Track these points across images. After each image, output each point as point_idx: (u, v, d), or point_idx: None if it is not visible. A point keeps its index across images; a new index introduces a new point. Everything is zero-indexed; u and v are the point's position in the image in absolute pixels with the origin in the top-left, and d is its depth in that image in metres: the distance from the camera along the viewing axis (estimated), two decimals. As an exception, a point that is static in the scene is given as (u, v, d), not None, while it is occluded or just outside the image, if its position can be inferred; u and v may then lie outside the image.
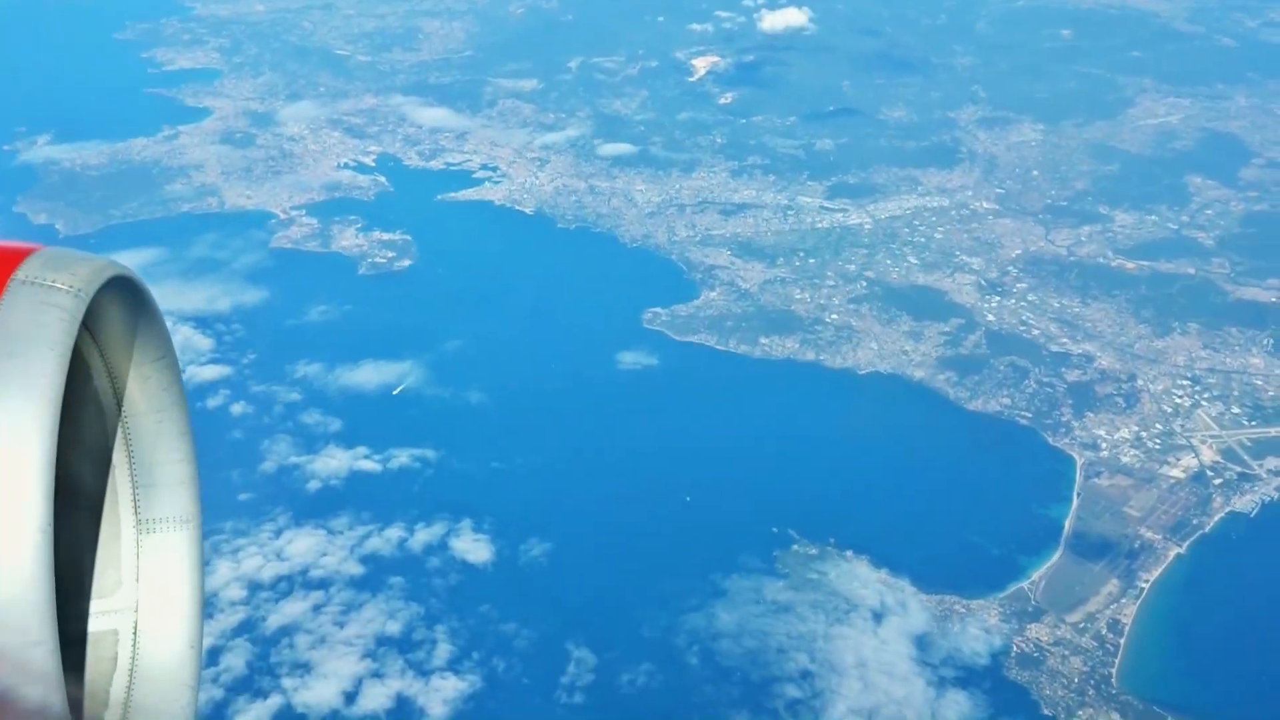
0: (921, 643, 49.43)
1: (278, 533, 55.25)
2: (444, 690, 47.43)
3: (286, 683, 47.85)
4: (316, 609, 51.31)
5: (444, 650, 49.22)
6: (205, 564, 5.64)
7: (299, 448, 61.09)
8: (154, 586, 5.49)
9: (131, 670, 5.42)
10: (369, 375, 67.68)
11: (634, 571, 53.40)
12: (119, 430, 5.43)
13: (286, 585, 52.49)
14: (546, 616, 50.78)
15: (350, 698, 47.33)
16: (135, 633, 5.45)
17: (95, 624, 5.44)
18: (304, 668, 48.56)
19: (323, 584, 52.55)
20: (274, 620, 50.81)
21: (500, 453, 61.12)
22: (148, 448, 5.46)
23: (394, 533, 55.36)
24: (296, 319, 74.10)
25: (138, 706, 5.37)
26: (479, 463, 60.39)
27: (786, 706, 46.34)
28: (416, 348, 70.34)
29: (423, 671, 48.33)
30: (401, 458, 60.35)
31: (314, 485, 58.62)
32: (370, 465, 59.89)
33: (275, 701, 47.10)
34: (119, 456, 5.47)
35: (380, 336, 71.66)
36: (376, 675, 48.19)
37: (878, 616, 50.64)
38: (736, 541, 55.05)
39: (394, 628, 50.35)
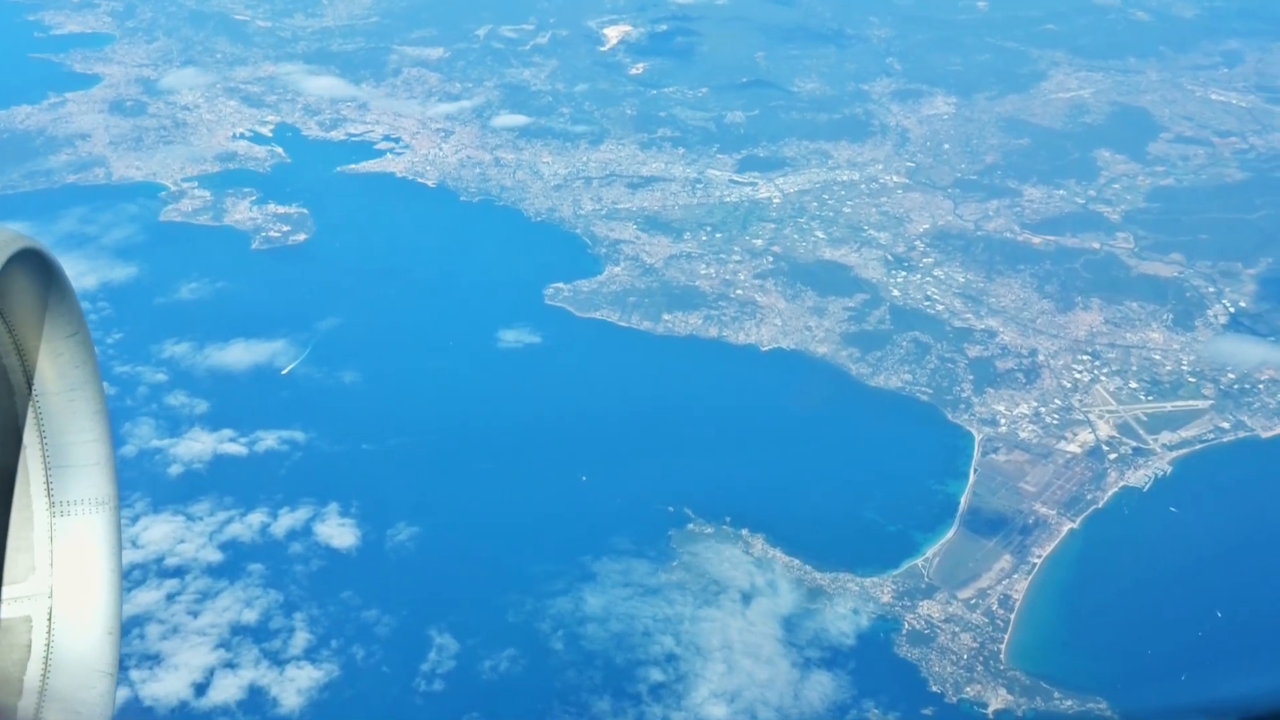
0: (789, 623, 48.40)
1: (134, 519, 52.67)
2: (299, 680, 45.69)
3: (134, 675, 45.93)
4: (170, 598, 49.22)
5: (301, 639, 47.41)
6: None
7: (162, 431, 58.37)
8: (69, 571, 5.49)
9: (46, 658, 5.38)
10: (240, 355, 64.84)
11: (504, 556, 51.92)
12: (30, 410, 5.24)
13: (140, 574, 50.14)
14: (410, 603, 49.23)
15: (200, 689, 45.49)
16: (50, 619, 5.42)
17: (7, 610, 5.31)
18: (153, 659, 46.66)
19: (178, 572, 50.42)
20: (124, 610, 47.94)
21: (372, 434, 59.04)
22: (60, 427, 5.32)
23: (256, 518, 53.15)
24: (168, 296, 70.73)
25: (53, 695, 5.29)
26: (350, 444, 58.29)
27: (650, 690, 45.18)
28: (294, 326, 67.58)
29: (278, 661, 46.53)
30: (269, 440, 57.92)
31: (175, 470, 56.15)
32: (235, 448, 57.44)
33: (121, 695, 44.19)
34: (30, 437, 5.29)
35: (260, 314, 68.82)
36: (229, 666, 46.42)
37: (747, 598, 49.55)
38: (626, 523, 53.63)
39: (250, 616, 48.38)
